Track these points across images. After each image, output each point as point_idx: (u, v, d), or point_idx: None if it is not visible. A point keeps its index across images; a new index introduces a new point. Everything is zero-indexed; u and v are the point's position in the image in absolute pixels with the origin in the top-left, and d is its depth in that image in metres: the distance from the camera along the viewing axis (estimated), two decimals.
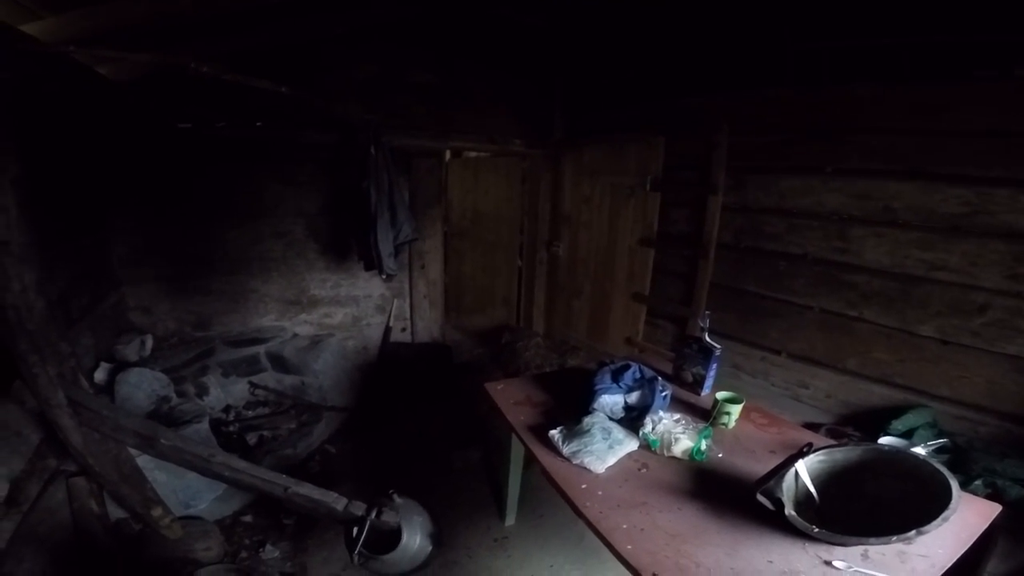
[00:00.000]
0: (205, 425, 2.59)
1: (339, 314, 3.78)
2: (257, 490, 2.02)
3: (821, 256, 2.56)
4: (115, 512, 2.16)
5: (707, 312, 2.25)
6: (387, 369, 3.84)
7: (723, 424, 1.85)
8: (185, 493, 2.38)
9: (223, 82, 2.35)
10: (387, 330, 3.95)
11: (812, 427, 2.27)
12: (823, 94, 2.42)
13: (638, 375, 1.96)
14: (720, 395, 1.88)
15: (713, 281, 3.04)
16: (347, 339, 3.81)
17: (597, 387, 1.90)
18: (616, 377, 1.95)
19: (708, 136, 2.90)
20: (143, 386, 2.58)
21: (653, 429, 1.70)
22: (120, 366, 2.65)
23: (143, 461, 2.17)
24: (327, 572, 2.23)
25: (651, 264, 3.43)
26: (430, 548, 2.00)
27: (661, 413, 1.79)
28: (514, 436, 2.08)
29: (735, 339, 2.89)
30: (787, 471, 1.35)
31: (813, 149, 2.53)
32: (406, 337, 4.08)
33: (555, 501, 2.45)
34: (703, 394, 2.11)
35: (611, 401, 1.89)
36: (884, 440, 2.08)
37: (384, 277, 3.33)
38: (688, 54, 3.02)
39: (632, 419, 1.81)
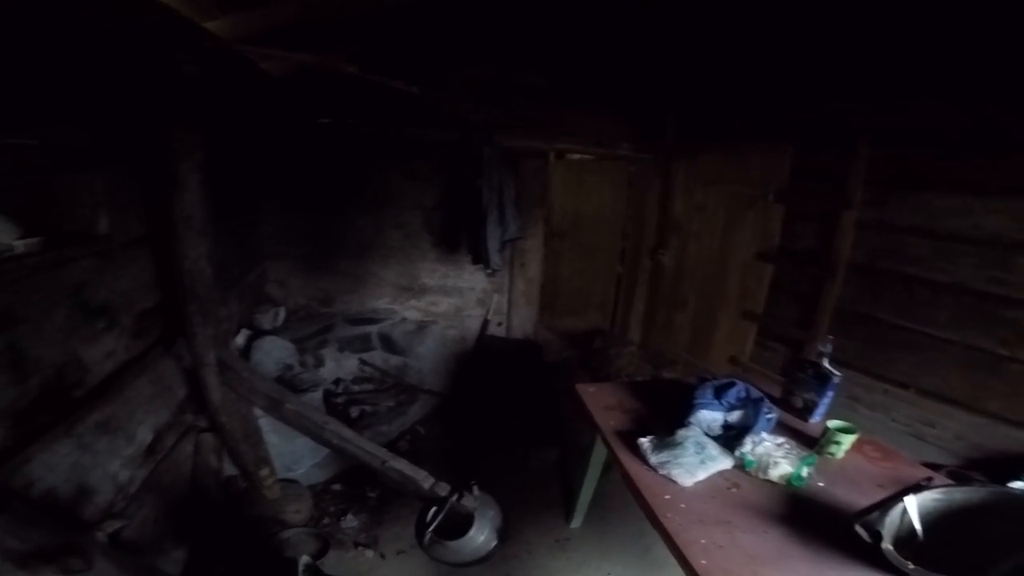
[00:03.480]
0: (319, 395, 2.79)
1: (444, 303, 3.97)
2: (358, 459, 2.17)
3: (973, 286, 2.25)
4: (226, 469, 2.35)
5: (830, 337, 2.08)
6: (481, 361, 3.96)
7: (830, 453, 1.71)
8: (290, 457, 2.52)
9: (360, 81, 2.52)
10: (485, 323, 4.08)
11: (932, 468, 2.02)
12: (993, 104, 2.12)
13: (743, 394, 1.87)
14: (832, 423, 1.74)
15: (837, 305, 2.79)
16: (448, 328, 3.99)
17: (697, 401, 1.84)
18: (719, 394, 1.87)
19: (846, 146, 2.66)
20: (274, 353, 2.81)
21: (752, 450, 1.62)
22: (256, 333, 2.92)
23: (261, 423, 2.35)
24: (395, 548, 2.32)
25: (768, 281, 3.22)
26: (495, 543, 2.05)
27: (764, 435, 1.70)
28: (598, 440, 2.08)
29: (855, 368, 2.63)
30: (895, 505, 1.25)
31: (975, 165, 2.24)
32: (501, 332, 4.19)
33: (625, 511, 2.43)
34: (812, 421, 1.96)
35: (710, 417, 1.82)
36: (1016, 484, 1.81)
37: (489, 272, 3.45)
38: (824, 55, 2.77)
39: (730, 438, 1.73)
